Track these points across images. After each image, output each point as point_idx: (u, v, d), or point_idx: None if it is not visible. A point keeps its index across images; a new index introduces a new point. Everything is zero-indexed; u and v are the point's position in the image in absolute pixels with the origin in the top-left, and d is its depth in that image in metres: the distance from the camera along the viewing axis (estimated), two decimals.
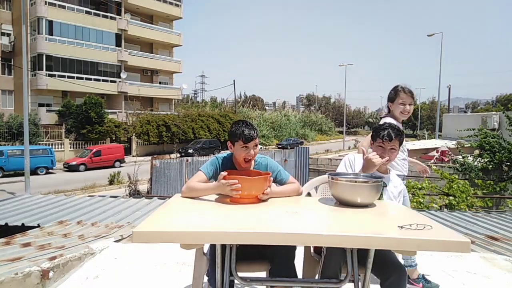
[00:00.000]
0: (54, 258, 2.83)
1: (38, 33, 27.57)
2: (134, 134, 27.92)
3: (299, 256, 2.04)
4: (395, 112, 2.79)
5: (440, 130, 25.45)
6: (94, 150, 22.86)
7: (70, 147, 25.90)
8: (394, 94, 2.78)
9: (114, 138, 27.31)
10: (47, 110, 27.70)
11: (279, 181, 2.16)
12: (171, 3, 36.10)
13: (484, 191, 8.47)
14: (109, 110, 29.00)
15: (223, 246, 1.75)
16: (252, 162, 2.13)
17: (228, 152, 2.21)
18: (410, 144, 20.97)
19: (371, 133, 2.33)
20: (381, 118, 2.92)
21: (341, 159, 2.82)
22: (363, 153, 2.19)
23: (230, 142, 2.09)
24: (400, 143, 2.21)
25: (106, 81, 31.32)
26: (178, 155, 23.62)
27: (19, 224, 4.21)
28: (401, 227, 1.52)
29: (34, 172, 18.10)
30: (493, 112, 19.48)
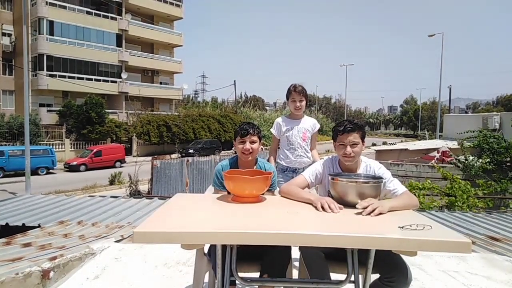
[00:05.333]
0: (54, 258, 2.83)
1: (39, 33, 27.59)
2: (134, 134, 27.93)
3: (297, 256, 2.04)
4: (291, 109, 3.01)
5: (441, 131, 25.40)
6: (95, 150, 22.85)
7: (71, 147, 25.92)
8: (288, 94, 3.00)
9: (114, 138, 27.31)
10: (47, 110, 27.73)
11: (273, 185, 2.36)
12: (171, 4, 36.13)
13: (485, 192, 8.47)
14: (110, 110, 29.00)
15: (224, 247, 1.75)
16: (253, 157, 2.30)
17: (229, 158, 2.42)
18: (411, 145, 20.96)
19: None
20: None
21: None
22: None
23: (234, 141, 2.36)
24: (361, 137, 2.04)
25: (107, 81, 31.35)
26: (179, 155, 23.63)
27: (20, 224, 4.22)
28: (402, 227, 1.52)
29: (34, 172, 18.10)
30: (494, 113, 19.45)
